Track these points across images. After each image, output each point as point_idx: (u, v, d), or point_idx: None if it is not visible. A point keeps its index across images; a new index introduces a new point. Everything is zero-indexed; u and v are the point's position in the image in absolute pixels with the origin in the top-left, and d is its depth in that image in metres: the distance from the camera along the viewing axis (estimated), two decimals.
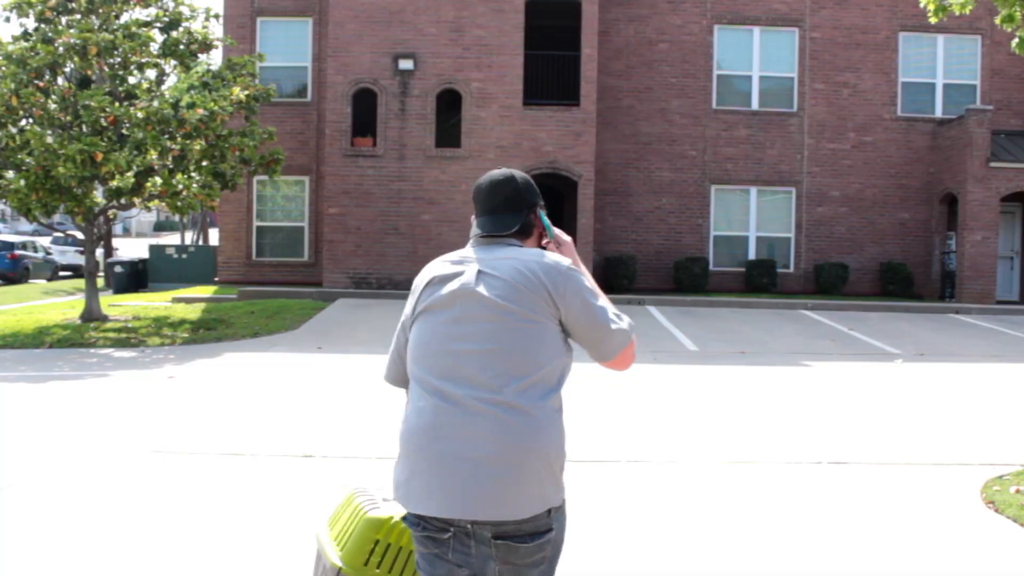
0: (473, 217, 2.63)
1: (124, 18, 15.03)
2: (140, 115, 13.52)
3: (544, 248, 2.60)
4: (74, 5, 14.65)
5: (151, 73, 15.39)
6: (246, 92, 14.72)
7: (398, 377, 2.62)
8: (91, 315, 14.67)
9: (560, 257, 2.51)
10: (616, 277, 19.27)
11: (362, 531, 2.64)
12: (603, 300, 2.50)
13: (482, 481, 2.33)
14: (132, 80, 15.16)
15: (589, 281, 2.50)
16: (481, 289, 2.41)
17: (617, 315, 2.49)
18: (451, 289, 2.45)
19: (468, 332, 2.40)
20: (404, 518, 2.52)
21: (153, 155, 13.59)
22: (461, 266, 2.49)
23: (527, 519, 2.35)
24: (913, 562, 4.54)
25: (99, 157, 13.19)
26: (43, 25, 14.56)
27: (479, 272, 2.45)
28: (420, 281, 2.55)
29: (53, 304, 19.29)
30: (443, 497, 2.34)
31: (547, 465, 2.38)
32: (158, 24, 15.07)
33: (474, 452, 2.34)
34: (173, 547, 4.57)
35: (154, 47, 14.80)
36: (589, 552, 4.57)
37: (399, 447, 2.46)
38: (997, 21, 8.14)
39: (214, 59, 16.66)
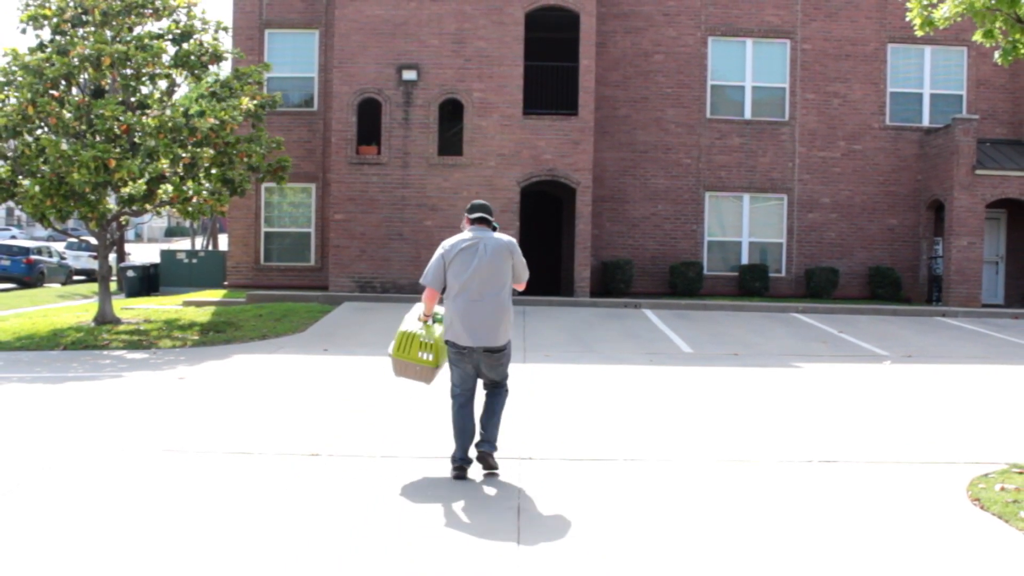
0: (466, 214, 6.04)
1: (137, 30, 15.28)
2: (152, 124, 13.78)
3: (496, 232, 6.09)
4: (88, 17, 14.88)
5: (163, 83, 15.59)
6: (254, 102, 15.02)
7: (438, 284, 5.91)
8: (104, 318, 14.92)
9: (510, 238, 5.98)
10: (613, 281, 19.61)
11: (396, 337, 6.18)
12: (523, 259, 6.02)
13: (487, 330, 5.83)
14: (144, 90, 15.39)
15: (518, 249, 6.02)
16: (487, 254, 5.87)
17: (525, 266, 6.03)
18: (473, 258, 5.85)
19: (482, 270, 5.85)
20: (448, 342, 5.92)
21: (164, 163, 13.82)
22: (473, 241, 5.89)
23: (501, 345, 5.89)
24: (901, 557, 4.63)
25: (112, 164, 13.42)
26: (58, 37, 14.82)
27: (484, 245, 5.88)
28: (450, 245, 5.91)
29: (67, 307, 19.44)
30: (470, 337, 5.82)
31: (509, 323, 5.92)
32: (170, 36, 15.32)
33: (484, 319, 5.82)
34: (181, 544, 4.66)
35: (166, 58, 15.01)
36: (588, 548, 4.73)
37: (448, 315, 5.87)
38: (975, 37, 8.04)
39: (223, 70, 16.97)
